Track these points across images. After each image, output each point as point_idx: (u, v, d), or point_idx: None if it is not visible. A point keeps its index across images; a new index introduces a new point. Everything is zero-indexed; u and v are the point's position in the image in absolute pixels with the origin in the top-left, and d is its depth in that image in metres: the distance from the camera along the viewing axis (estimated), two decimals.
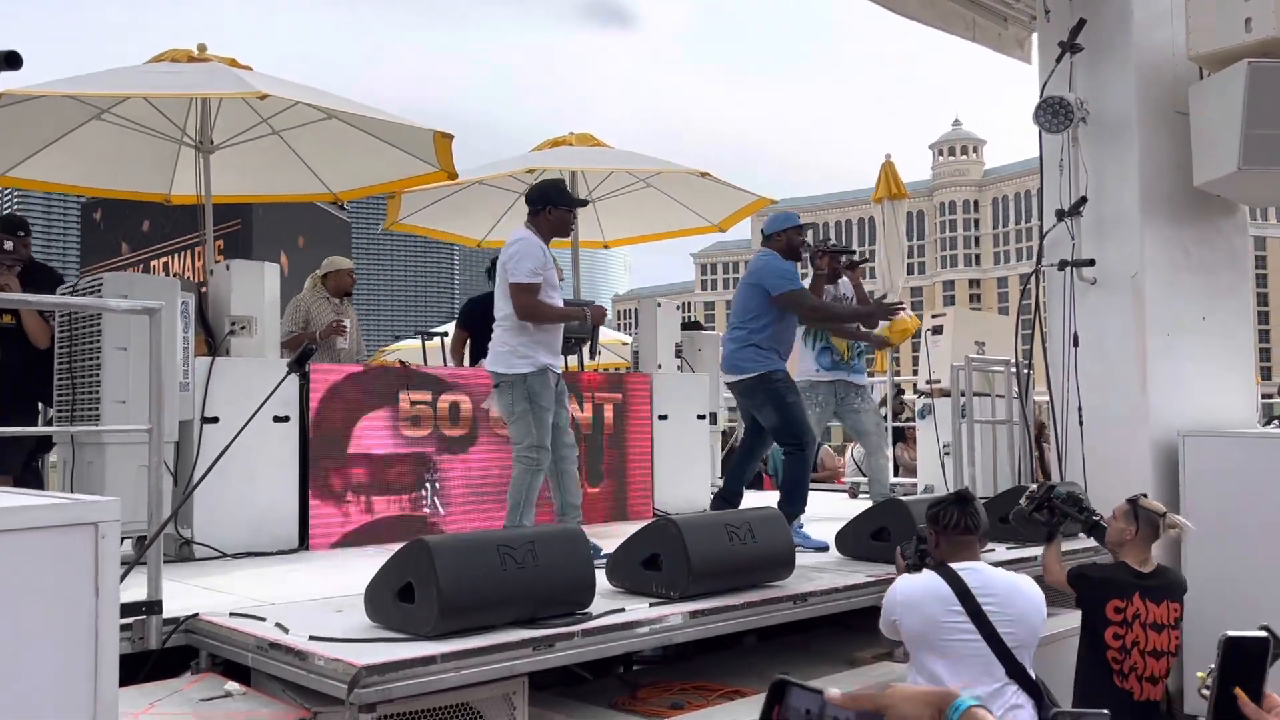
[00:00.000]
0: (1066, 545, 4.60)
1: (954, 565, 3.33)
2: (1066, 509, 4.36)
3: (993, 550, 4.83)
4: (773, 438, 5.32)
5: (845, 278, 6.13)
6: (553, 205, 4.72)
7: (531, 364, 4.55)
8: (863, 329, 5.96)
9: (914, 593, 3.30)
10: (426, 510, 5.59)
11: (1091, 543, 4.60)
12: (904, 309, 6.04)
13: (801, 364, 6.00)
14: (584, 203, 5.02)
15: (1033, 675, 3.24)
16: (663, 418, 6.89)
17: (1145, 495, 4.14)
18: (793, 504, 5.08)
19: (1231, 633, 1.32)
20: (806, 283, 5.62)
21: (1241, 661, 1.31)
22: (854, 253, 6.24)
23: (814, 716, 1.19)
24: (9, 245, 4.87)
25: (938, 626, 3.21)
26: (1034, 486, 4.44)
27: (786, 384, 5.26)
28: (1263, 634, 1.32)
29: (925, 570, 3.41)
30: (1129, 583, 3.85)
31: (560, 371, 4.76)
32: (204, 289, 5.44)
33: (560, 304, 4.76)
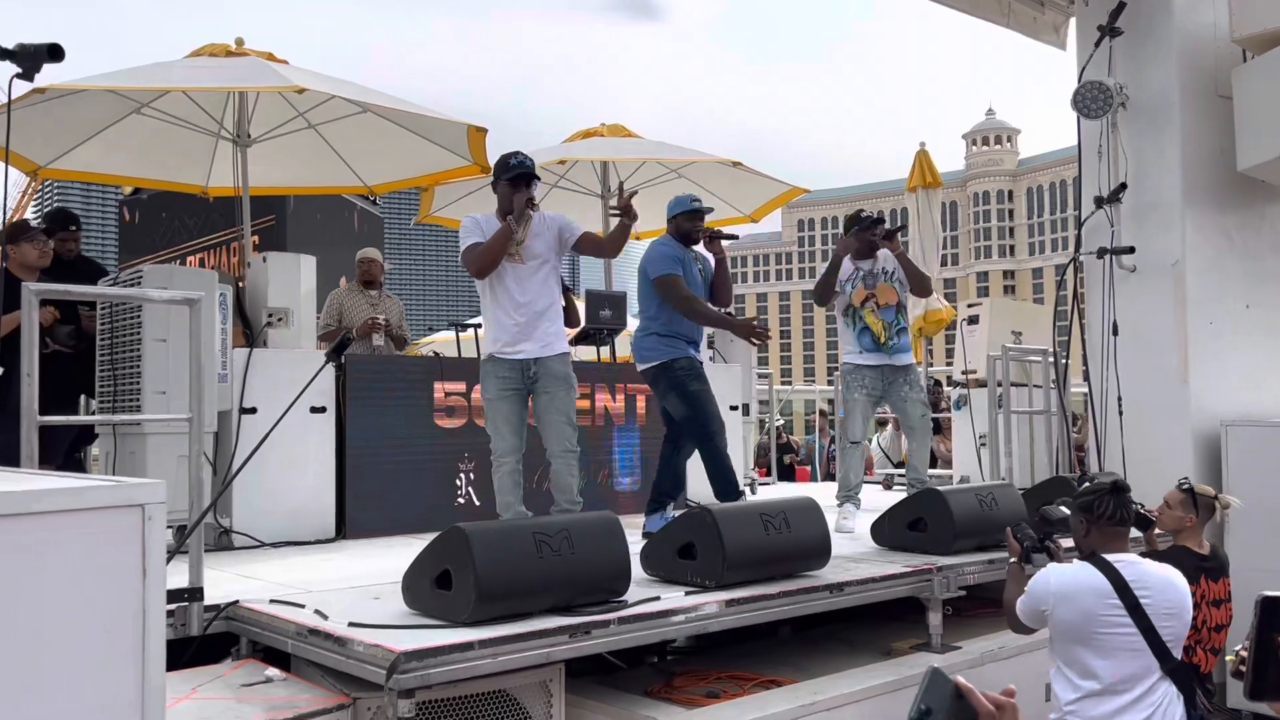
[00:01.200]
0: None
1: (1108, 557, 3.24)
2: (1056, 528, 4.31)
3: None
4: (682, 429, 5.10)
5: (884, 250, 5.73)
6: (495, 181, 4.58)
7: (484, 352, 4.52)
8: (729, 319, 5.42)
9: (1071, 584, 3.19)
10: (461, 500, 5.63)
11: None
12: (766, 334, 5.40)
13: (844, 346, 5.75)
14: (534, 176, 4.55)
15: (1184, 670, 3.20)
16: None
17: (1188, 479, 4.13)
18: (728, 495, 4.93)
19: (1268, 592, 1.34)
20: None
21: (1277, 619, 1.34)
22: (881, 221, 5.76)
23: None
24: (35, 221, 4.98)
25: (1094, 619, 3.13)
26: (1088, 485, 4.37)
27: (689, 372, 5.04)
28: None
29: (1076, 561, 3.31)
30: (1195, 566, 3.85)
31: (537, 357, 4.48)
32: (241, 282, 5.50)
33: (507, 277, 4.48)
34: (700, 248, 5.37)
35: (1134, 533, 4.42)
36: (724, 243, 5.40)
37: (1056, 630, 3.25)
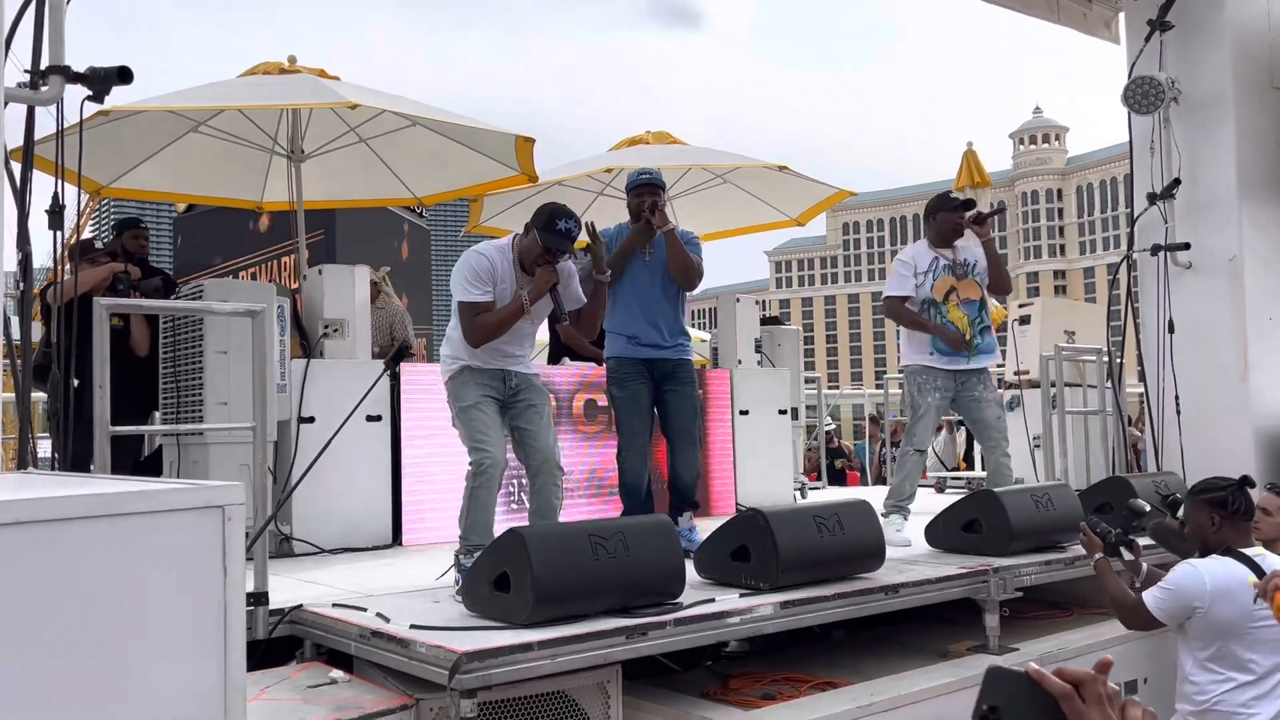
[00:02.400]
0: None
1: (1246, 551, 3.29)
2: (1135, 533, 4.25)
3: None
4: None
5: (965, 240, 5.21)
6: (532, 228, 4.02)
7: (448, 371, 4.08)
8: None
9: (1226, 581, 3.22)
10: (514, 506, 5.68)
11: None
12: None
13: (913, 347, 5.19)
14: (568, 244, 4.02)
15: None
16: (744, 413, 6.88)
17: (1275, 483, 4.10)
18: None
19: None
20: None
21: None
22: (971, 205, 5.23)
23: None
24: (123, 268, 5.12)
25: (1250, 614, 3.17)
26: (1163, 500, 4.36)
27: (613, 374, 4.70)
28: None
29: (1214, 558, 3.32)
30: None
31: (516, 370, 4.11)
32: (297, 294, 5.62)
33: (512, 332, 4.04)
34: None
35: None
36: (665, 212, 4.71)
37: (1209, 627, 3.25)
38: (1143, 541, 4.31)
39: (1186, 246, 5.89)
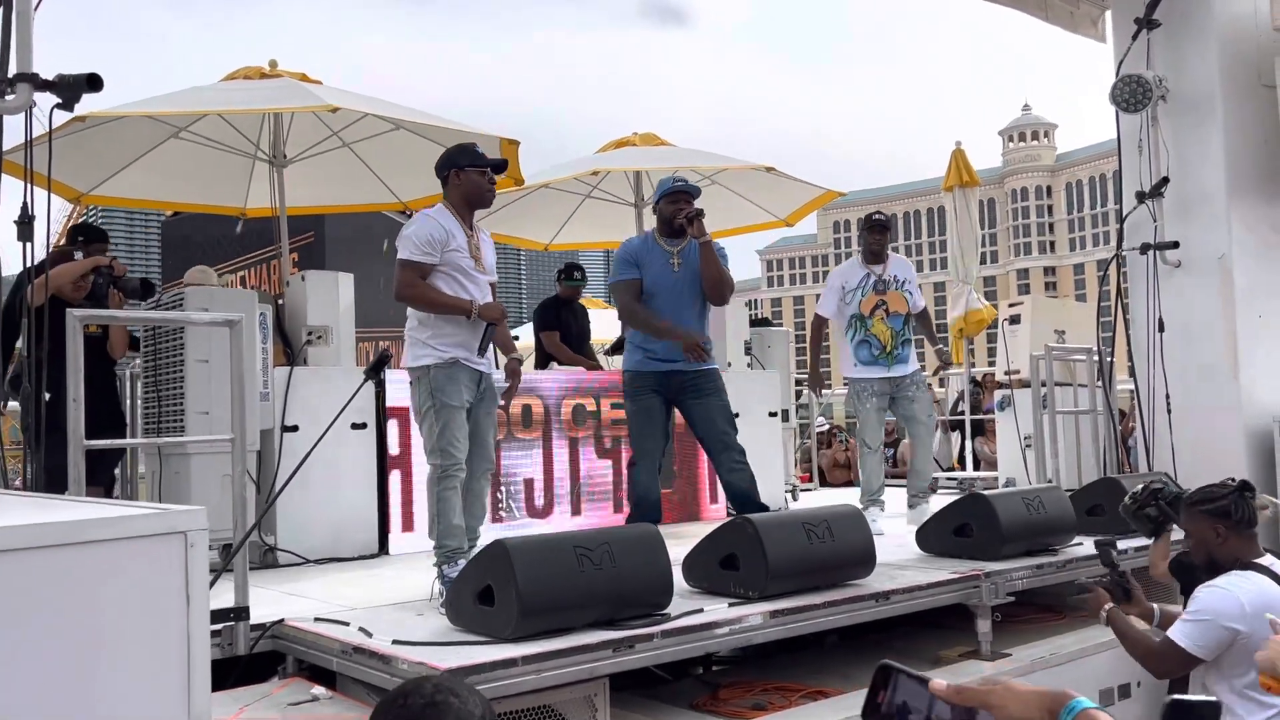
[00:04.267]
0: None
1: (1261, 562, 3.08)
2: (1168, 512, 4.20)
3: (1081, 544, 4.69)
4: None
5: (897, 256, 5.80)
6: (459, 168, 4.04)
7: (435, 355, 3.91)
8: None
9: (1260, 599, 2.96)
10: (503, 515, 5.63)
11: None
12: (702, 353, 4.70)
13: (845, 361, 5.79)
14: (500, 164, 4.14)
15: None
16: (734, 416, 6.82)
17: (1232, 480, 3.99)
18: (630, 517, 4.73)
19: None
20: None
21: None
22: (885, 226, 5.79)
23: (917, 710, 1.16)
24: (79, 254, 5.07)
25: None
26: (1140, 486, 4.28)
27: (629, 387, 4.78)
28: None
29: (1236, 574, 3.07)
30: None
31: (487, 372, 4.06)
32: (280, 301, 5.55)
33: (468, 292, 3.98)
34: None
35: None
36: (702, 221, 4.65)
37: (1250, 651, 2.96)
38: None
39: (1175, 245, 5.87)
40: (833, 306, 5.80)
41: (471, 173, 4.05)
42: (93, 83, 2.80)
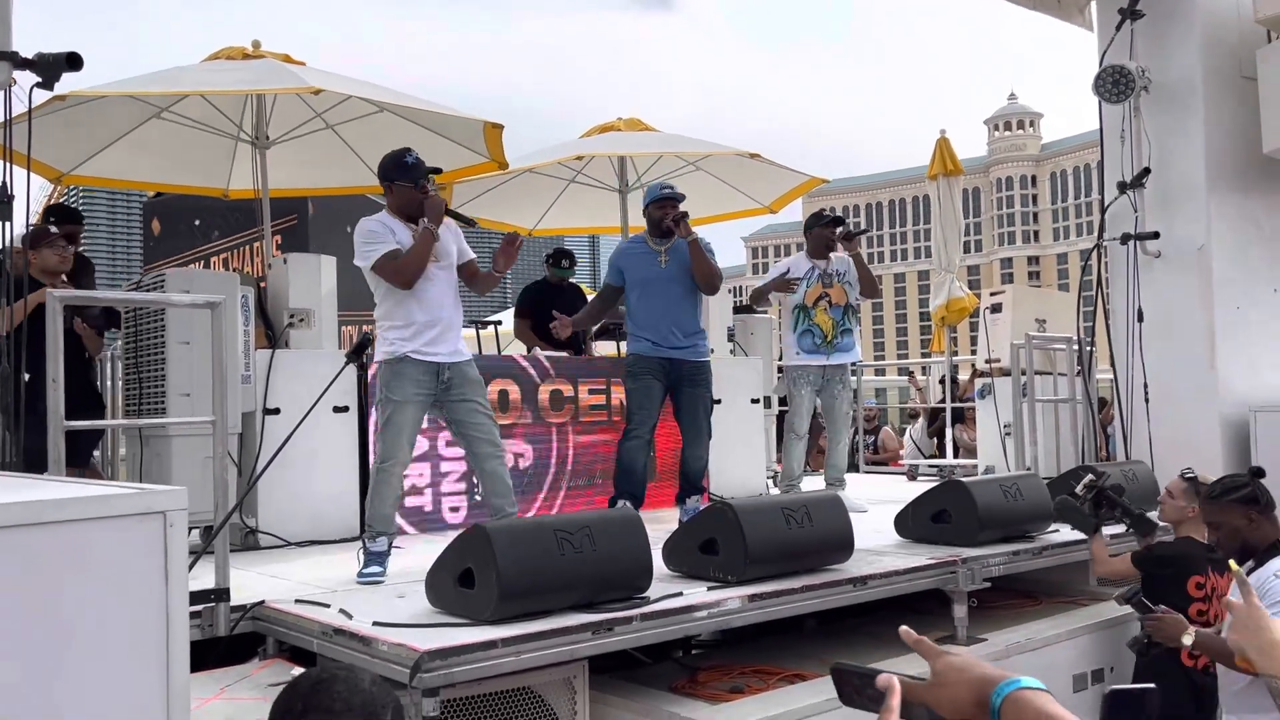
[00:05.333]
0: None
1: None
2: (1117, 499, 4.26)
3: (1057, 531, 4.75)
4: None
5: (840, 253, 6.01)
6: (390, 181, 4.16)
7: (385, 352, 4.09)
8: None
9: None
10: (478, 498, 5.64)
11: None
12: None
13: (787, 348, 6.03)
14: (434, 170, 4.30)
15: None
16: (716, 402, 6.84)
17: (1191, 469, 4.04)
18: (615, 486, 5.16)
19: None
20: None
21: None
22: (840, 222, 6.09)
23: (876, 695, 1.19)
24: (54, 228, 5.05)
25: None
26: (1089, 478, 4.33)
27: (630, 368, 5.21)
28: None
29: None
30: (1203, 557, 3.77)
31: (451, 362, 4.15)
32: (263, 284, 5.53)
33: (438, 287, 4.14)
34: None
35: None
36: (687, 224, 5.12)
37: None
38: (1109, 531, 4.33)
39: (1156, 236, 5.91)
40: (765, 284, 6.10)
41: (403, 186, 4.15)
42: (72, 62, 2.78)
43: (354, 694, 1.49)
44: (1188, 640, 3.11)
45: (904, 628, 1.21)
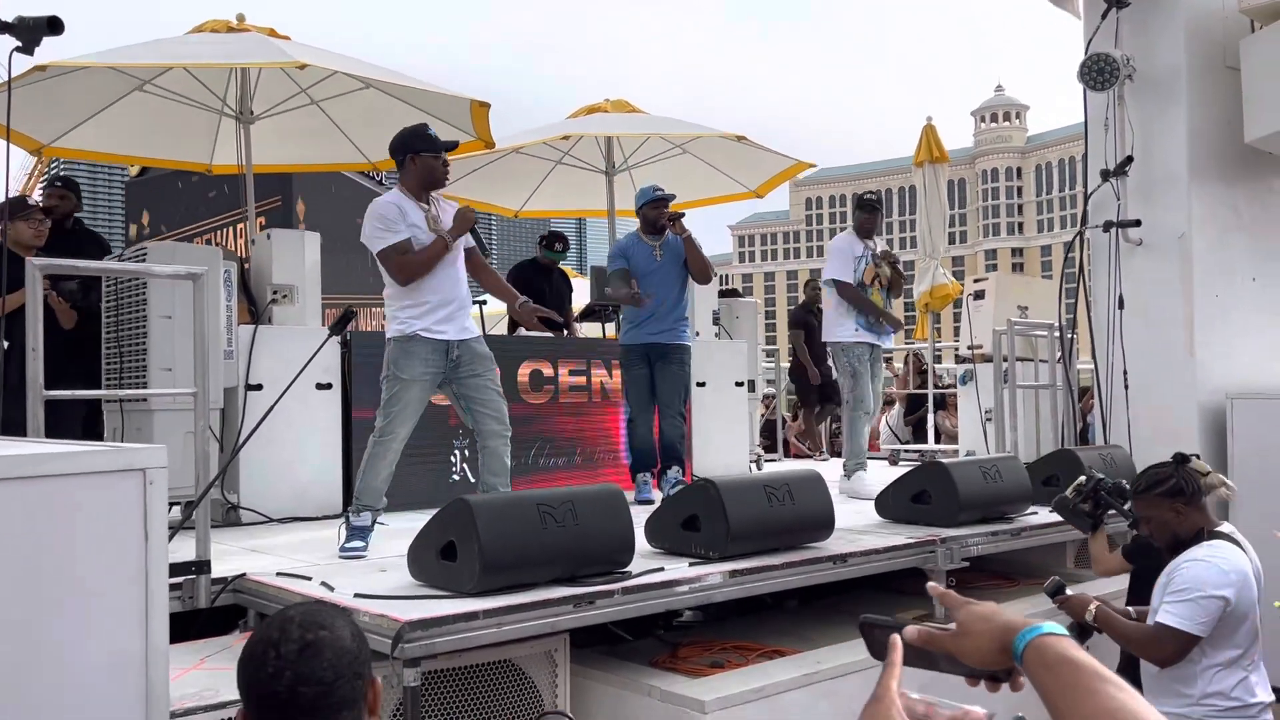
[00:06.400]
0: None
1: (1221, 529, 3.14)
2: (1112, 501, 4.28)
3: (1036, 513, 4.80)
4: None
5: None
6: (415, 153, 4.19)
7: (395, 330, 4.11)
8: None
9: (1239, 562, 3.01)
10: (456, 477, 5.64)
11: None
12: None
13: (841, 323, 6.03)
14: (451, 145, 4.36)
15: None
16: (700, 385, 6.87)
17: (1198, 456, 4.05)
18: (632, 467, 5.70)
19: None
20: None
21: None
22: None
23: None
24: (34, 200, 4.99)
25: (1253, 588, 3.03)
26: (1082, 479, 4.35)
27: (623, 358, 5.72)
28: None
29: (1207, 544, 3.08)
30: None
31: (460, 340, 4.18)
32: (246, 262, 5.50)
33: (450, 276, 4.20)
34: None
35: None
36: (683, 221, 5.58)
37: (1238, 619, 2.98)
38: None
39: (1138, 223, 5.94)
40: (851, 271, 6.06)
41: (427, 157, 4.18)
42: (53, 26, 2.75)
43: (341, 656, 1.43)
44: (1089, 617, 3.16)
45: (931, 583, 1.23)
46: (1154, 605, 3.06)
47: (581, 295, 8.47)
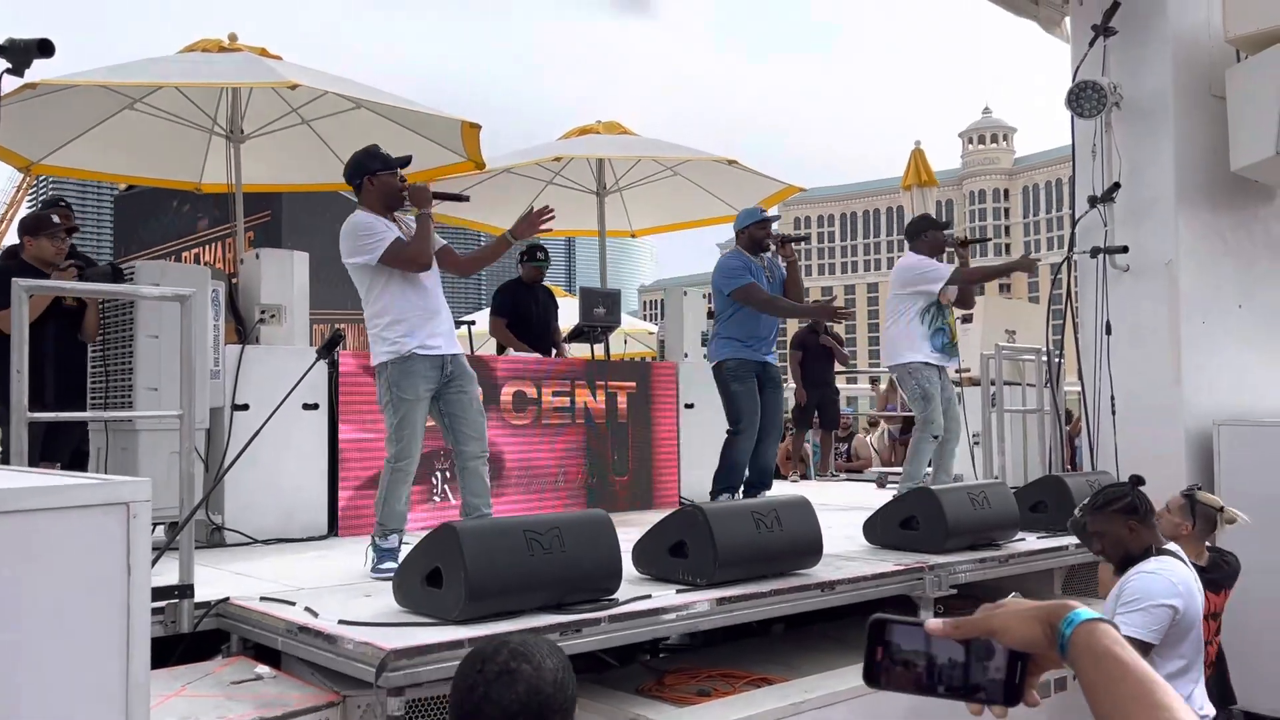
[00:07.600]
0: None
1: (1170, 548, 3.28)
2: None
3: (1023, 539, 4.79)
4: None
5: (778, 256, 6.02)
6: (371, 174, 4.12)
7: (390, 352, 4.05)
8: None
9: (1183, 574, 3.17)
10: (437, 499, 5.61)
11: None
12: (845, 313, 6.27)
13: (913, 345, 5.80)
14: (405, 161, 4.25)
15: None
16: (689, 406, 6.87)
17: (1199, 487, 4.07)
18: (718, 481, 5.59)
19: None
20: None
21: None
22: (949, 226, 6.33)
23: (917, 659, 1.13)
24: (57, 218, 4.95)
25: (1199, 602, 3.16)
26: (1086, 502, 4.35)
27: (733, 372, 5.60)
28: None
29: (1154, 560, 3.22)
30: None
31: (452, 354, 4.16)
32: (235, 279, 5.48)
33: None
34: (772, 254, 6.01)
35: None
36: (793, 245, 5.84)
37: (1183, 630, 3.11)
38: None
39: (1125, 249, 5.98)
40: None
41: (384, 175, 4.15)
42: (44, 49, 2.75)
43: (534, 696, 1.56)
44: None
45: (929, 623, 1.15)
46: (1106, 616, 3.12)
47: (569, 315, 8.46)
